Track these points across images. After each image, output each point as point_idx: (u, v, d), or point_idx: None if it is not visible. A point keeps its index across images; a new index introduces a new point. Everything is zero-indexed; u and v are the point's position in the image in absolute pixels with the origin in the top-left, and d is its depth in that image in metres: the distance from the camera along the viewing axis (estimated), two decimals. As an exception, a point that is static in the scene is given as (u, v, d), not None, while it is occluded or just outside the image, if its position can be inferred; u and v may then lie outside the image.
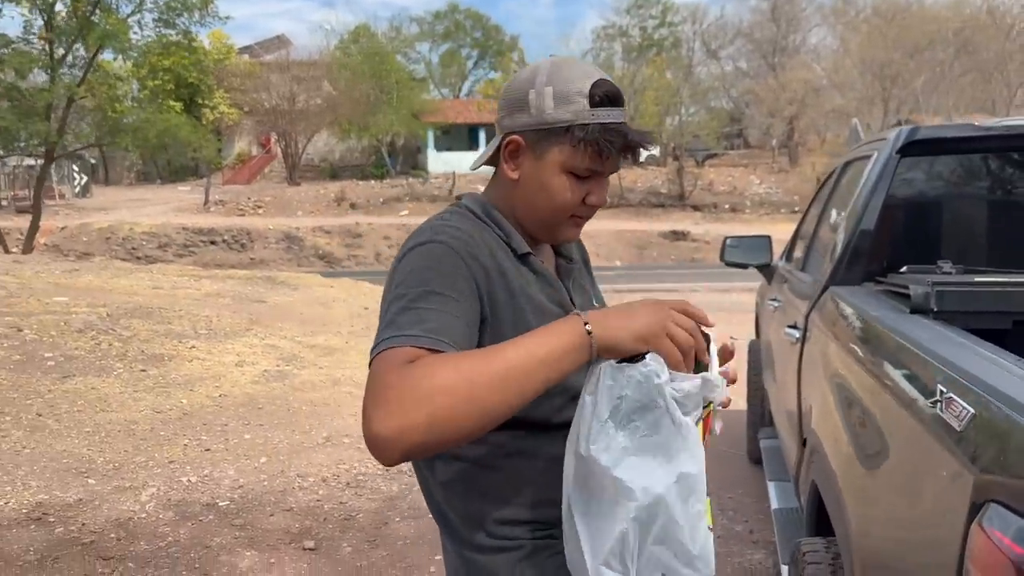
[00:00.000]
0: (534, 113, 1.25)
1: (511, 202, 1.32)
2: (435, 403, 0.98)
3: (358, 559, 3.51)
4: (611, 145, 1.23)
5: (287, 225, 25.65)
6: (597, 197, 1.28)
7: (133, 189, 38.26)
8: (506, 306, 1.23)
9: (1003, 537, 0.92)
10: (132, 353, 7.02)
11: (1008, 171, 2.62)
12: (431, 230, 1.25)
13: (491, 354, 1.05)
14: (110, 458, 4.73)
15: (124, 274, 12.56)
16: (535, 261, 1.32)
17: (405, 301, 1.14)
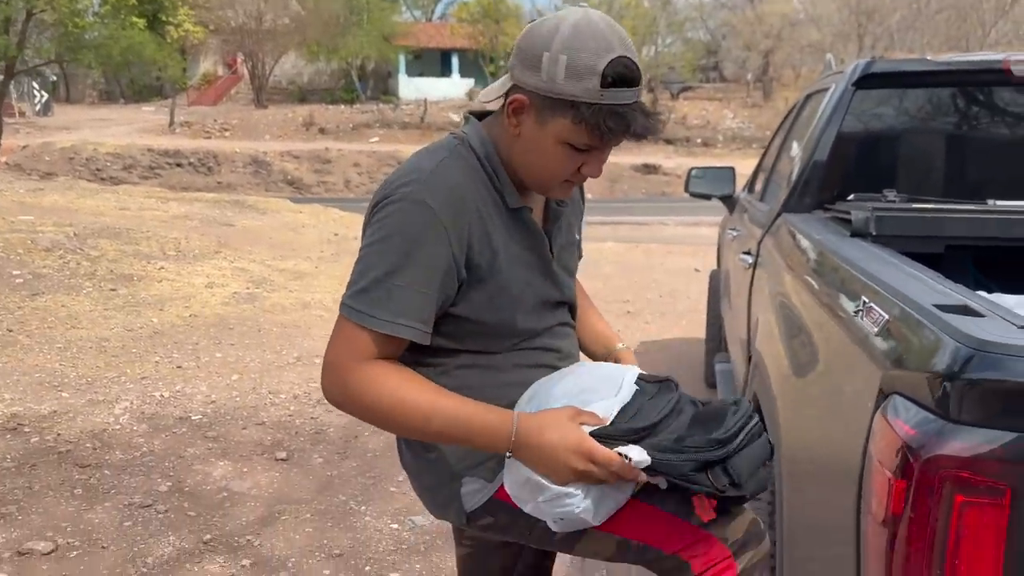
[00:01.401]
0: (544, 79, 1.23)
1: (509, 149, 1.34)
2: (369, 414, 1.29)
3: (329, 469, 3.66)
4: (613, 131, 1.23)
5: (254, 149, 25.24)
6: (591, 169, 1.31)
7: (96, 108, 37.26)
8: (486, 265, 1.31)
9: (899, 422, 1.06)
10: (101, 272, 7.02)
11: (959, 106, 2.73)
12: (426, 178, 1.27)
13: (427, 414, 1.26)
14: (82, 373, 4.80)
15: (90, 194, 12.40)
16: (525, 214, 1.36)
17: (381, 271, 1.25)
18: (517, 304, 1.36)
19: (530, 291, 1.38)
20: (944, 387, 1.01)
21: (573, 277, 1.52)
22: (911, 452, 1.01)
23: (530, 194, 1.39)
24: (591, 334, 1.65)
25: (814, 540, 1.44)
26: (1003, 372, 0.97)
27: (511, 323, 1.36)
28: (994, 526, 0.97)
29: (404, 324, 1.26)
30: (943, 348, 1.03)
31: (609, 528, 1.34)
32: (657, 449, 1.26)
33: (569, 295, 1.48)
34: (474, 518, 1.40)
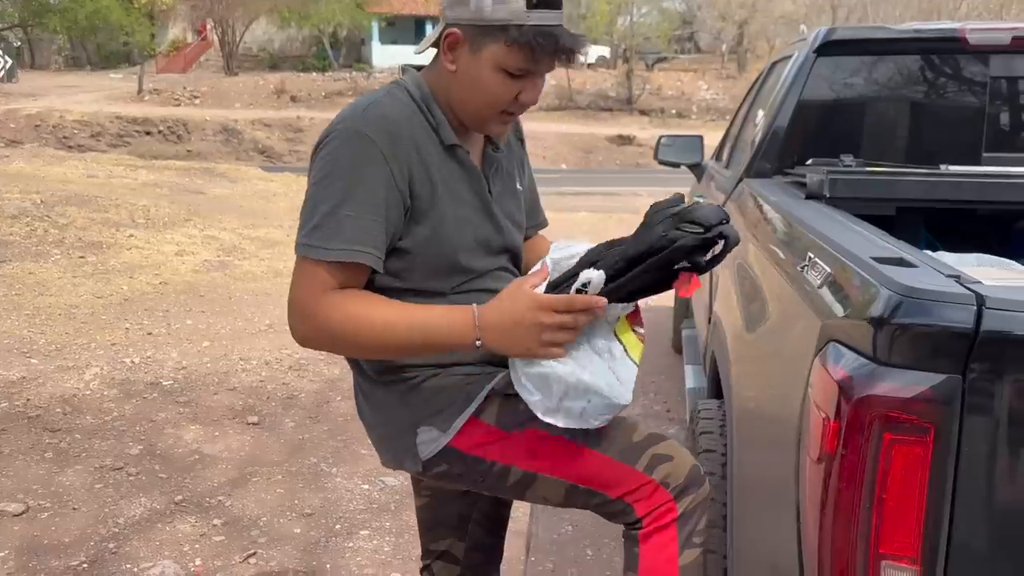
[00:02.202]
0: (473, 9, 1.30)
1: (447, 90, 1.38)
2: (340, 341, 1.34)
3: (300, 433, 3.70)
4: (543, 48, 1.29)
5: (225, 117, 24.88)
6: (529, 96, 1.36)
7: (62, 75, 36.45)
8: (427, 197, 1.35)
9: (834, 366, 1.12)
10: (69, 240, 6.96)
11: (917, 73, 2.79)
12: (360, 114, 1.33)
13: (391, 322, 1.31)
14: (51, 340, 4.79)
15: (57, 162, 12.21)
16: (461, 152, 1.40)
17: (329, 204, 1.30)
18: (457, 239, 1.39)
19: (469, 228, 1.41)
20: (875, 332, 1.07)
21: (519, 228, 1.55)
22: (844, 394, 1.07)
23: (467, 137, 1.43)
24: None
25: (761, 488, 1.51)
26: (929, 317, 1.02)
27: (452, 258, 1.39)
28: (919, 462, 1.03)
29: (359, 250, 1.30)
30: (875, 295, 1.09)
31: (559, 473, 1.40)
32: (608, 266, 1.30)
33: (512, 243, 1.51)
34: (429, 467, 1.44)
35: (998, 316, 0.98)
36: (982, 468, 1.01)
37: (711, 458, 1.96)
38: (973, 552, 1.04)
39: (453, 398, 1.42)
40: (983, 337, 0.98)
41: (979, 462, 1.01)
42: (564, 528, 2.94)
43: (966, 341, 0.99)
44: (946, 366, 1.01)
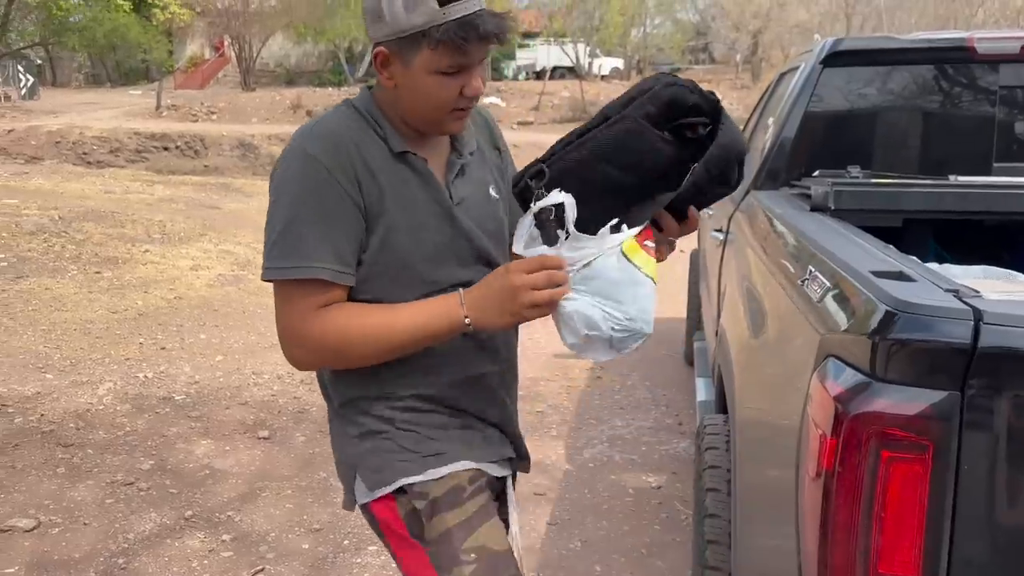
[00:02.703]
0: (389, 23, 1.27)
1: (394, 104, 1.37)
2: (338, 355, 1.34)
3: (310, 447, 3.71)
4: (468, 39, 1.26)
5: (242, 132, 25.05)
6: (472, 87, 1.32)
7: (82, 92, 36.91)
8: (376, 203, 1.34)
9: (831, 382, 1.10)
10: (86, 255, 7.02)
11: (925, 83, 2.77)
12: (306, 134, 1.34)
13: (382, 326, 1.32)
14: (66, 355, 4.82)
15: (75, 178, 12.35)
16: (413, 159, 1.37)
17: (281, 225, 1.30)
18: (411, 246, 1.36)
19: (426, 235, 1.37)
20: (872, 348, 1.05)
21: (496, 236, 1.49)
22: (841, 410, 1.06)
23: (425, 145, 1.40)
24: None
25: (763, 505, 1.49)
26: (926, 332, 1.01)
27: (411, 267, 1.36)
28: (918, 480, 1.02)
29: (319, 266, 1.30)
30: (872, 310, 1.08)
31: None
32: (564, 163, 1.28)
33: (484, 250, 1.45)
34: (362, 510, 1.47)
35: (996, 331, 0.97)
36: (982, 485, 0.99)
37: (716, 474, 1.94)
38: (974, 570, 1.02)
39: (387, 465, 1.41)
40: (981, 353, 0.97)
41: (979, 479, 0.99)
42: (573, 544, 2.92)
43: (964, 357, 0.97)
44: (944, 382, 0.99)
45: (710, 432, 2.04)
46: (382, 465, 1.42)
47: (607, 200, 1.28)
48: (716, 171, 1.27)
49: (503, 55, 39.34)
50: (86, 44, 20.84)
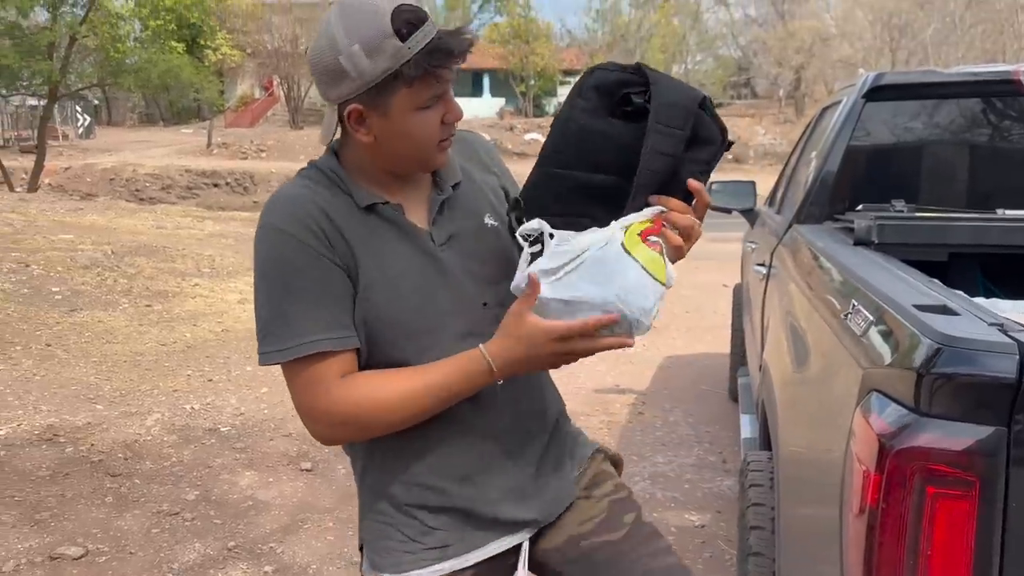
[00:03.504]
0: (355, 77, 1.21)
1: (369, 159, 1.31)
2: (369, 427, 1.28)
3: (351, 480, 3.69)
4: (441, 65, 1.21)
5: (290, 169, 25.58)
6: (452, 113, 1.28)
7: (136, 130, 38.13)
8: (351, 261, 1.28)
9: (875, 417, 1.09)
10: (137, 289, 7.20)
11: (970, 117, 2.74)
12: (268, 209, 1.29)
13: (408, 392, 1.26)
14: (117, 386, 4.94)
15: (128, 214, 12.70)
16: (383, 209, 1.31)
17: (269, 308, 1.26)
18: (395, 300, 1.29)
19: (407, 285, 1.30)
20: (916, 382, 1.04)
21: (497, 267, 1.37)
22: (885, 446, 1.05)
23: (402, 191, 1.35)
24: None
25: (807, 543, 1.47)
26: (971, 367, 1.00)
27: (400, 322, 1.30)
28: (965, 517, 1.00)
29: (316, 338, 1.25)
30: (916, 344, 1.07)
31: None
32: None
33: (482, 289, 1.36)
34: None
35: (1042, 365, 0.95)
36: (1031, 524, 0.97)
37: (760, 511, 1.92)
38: (1024, 612, 1.00)
39: (388, 551, 1.38)
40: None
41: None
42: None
43: (1009, 392, 0.96)
44: (990, 418, 0.98)
45: (754, 469, 2.01)
46: (384, 549, 1.38)
47: (592, 208, 1.24)
48: (669, 127, 1.22)
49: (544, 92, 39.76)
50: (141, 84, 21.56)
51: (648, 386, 5.23)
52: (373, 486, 1.39)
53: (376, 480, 1.38)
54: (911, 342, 1.10)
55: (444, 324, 1.32)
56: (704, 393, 5.04)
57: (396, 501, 1.37)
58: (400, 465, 1.36)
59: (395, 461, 1.36)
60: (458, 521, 1.37)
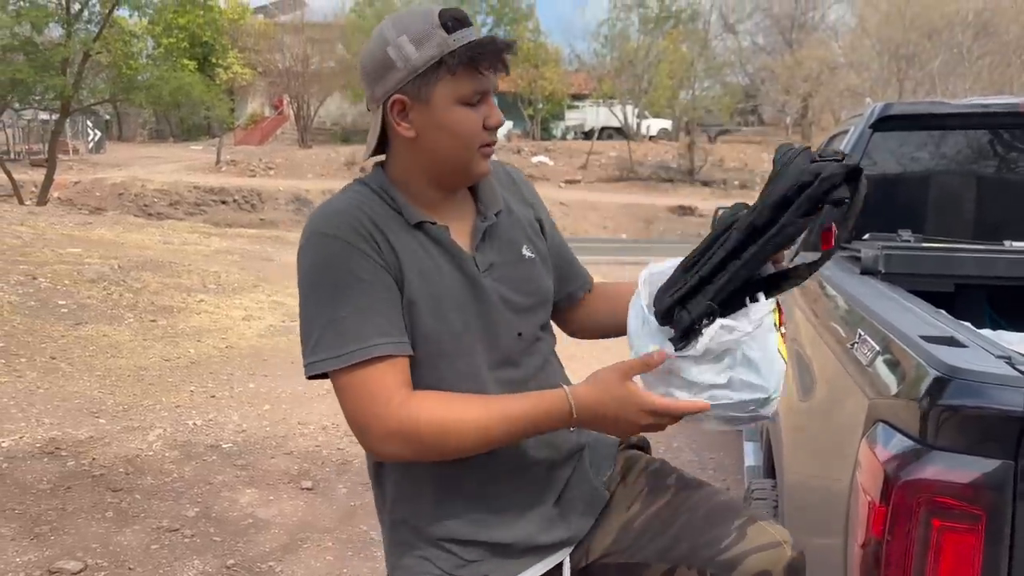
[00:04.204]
0: (402, 66, 1.25)
1: (413, 165, 1.32)
2: (429, 448, 1.23)
3: (352, 499, 3.71)
4: (483, 59, 1.24)
5: (297, 187, 25.76)
6: (494, 117, 1.30)
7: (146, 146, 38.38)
8: (397, 274, 1.27)
9: (880, 448, 1.09)
10: (142, 304, 7.22)
11: (977, 148, 2.75)
12: (319, 217, 1.29)
13: (488, 419, 1.22)
14: (120, 400, 4.93)
15: (136, 229, 12.75)
16: (432, 229, 1.31)
17: (324, 317, 1.23)
18: (436, 321, 1.29)
19: (449, 307, 1.30)
20: (922, 413, 1.04)
21: (534, 299, 1.40)
22: (890, 477, 1.04)
23: (447, 213, 1.35)
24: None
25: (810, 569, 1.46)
26: (978, 399, 1.00)
27: (438, 343, 1.29)
28: (971, 551, 0.99)
29: (377, 343, 1.22)
30: (922, 375, 1.06)
31: None
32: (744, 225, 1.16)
33: (519, 320, 1.37)
34: None
35: (1049, 399, 0.95)
36: (1038, 559, 0.96)
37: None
38: (1032, 649, 0.99)
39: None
40: (1034, 421, 0.95)
41: (1034, 553, 0.96)
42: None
43: (1016, 425, 0.96)
44: (996, 450, 0.97)
45: (757, 497, 2.00)
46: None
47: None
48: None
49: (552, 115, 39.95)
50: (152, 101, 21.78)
51: (651, 411, 5.20)
52: (406, 519, 1.36)
53: (410, 513, 1.35)
54: (918, 373, 1.10)
55: (480, 350, 1.32)
56: (708, 419, 5.02)
57: (428, 535, 1.34)
58: (435, 498, 1.33)
59: (429, 494, 1.33)
60: (494, 553, 1.34)
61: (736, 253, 1.16)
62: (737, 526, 1.30)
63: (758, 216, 1.15)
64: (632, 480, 1.46)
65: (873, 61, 30.65)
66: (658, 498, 1.41)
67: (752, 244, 1.15)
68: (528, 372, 1.38)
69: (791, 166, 1.16)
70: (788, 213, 1.14)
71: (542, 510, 1.38)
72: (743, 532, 1.29)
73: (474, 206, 1.40)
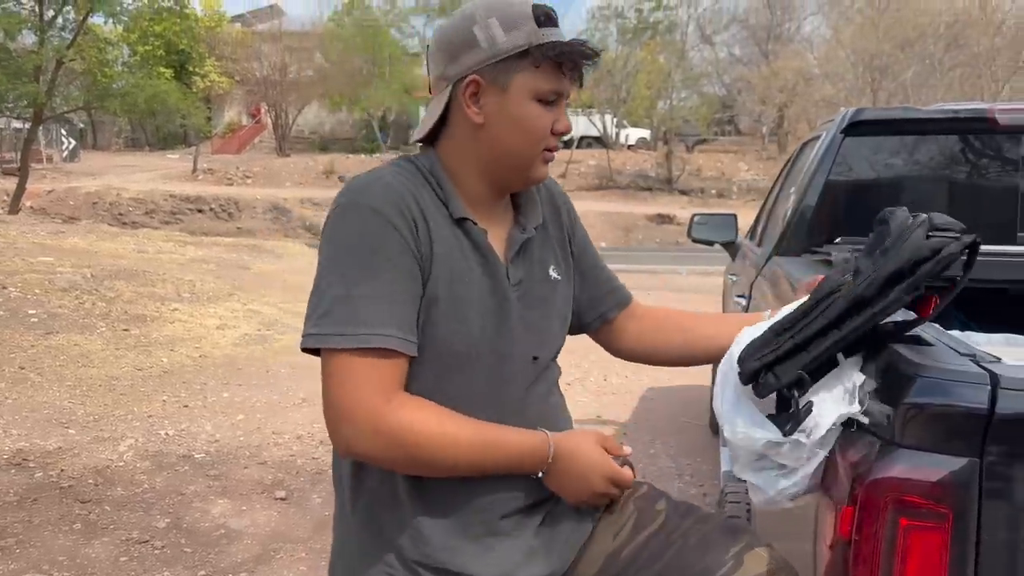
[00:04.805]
0: (486, 47, 1.20)
1: (472, 153, 1.26)
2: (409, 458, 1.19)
3: (327, 509, 3.67)
4: (570, 60, 1.21)
5: (275, 196, 25.63)
6: (563, 123, 1.26)
7: (122, 155, 38.04)
8: (428, 263, 1.21)
9: (847, 448, 1.08)
10: (115, 313, 7.13)
11: (947, 153, 2.77)
12: (363, 186, 1.22)
13: (461, 438, 1.19)
14: (90, 410, 4.86)
15: (110, 238, 12.62)
16: (473, 229, 1.25)
17: (340, 288, 1.16)
18: (455, 324, 1.23)
19: (472, 315, 1.24)
20: (887, 412, 1.04)
21: (553, 321, 1.36)
22: (857, 477, 1.04)
23: (488, 216, 1.30)
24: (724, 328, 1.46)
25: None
26: (943, 397, 0.99)
27: (451, 345, 1.23)
28: (938, 550, 0.99)
29: (386, 333, 1.15)
30: (887, 374, 1.06)
31: None
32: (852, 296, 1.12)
33: (534, 342, 1.32)
34: None
35: (1013, 396, 0.95)
36: (1003, 555, 0.96)
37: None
38: (999, 647, 0.98)
39: None
40: (998, 418, 0.95)
41: (999, 549, 0.96)
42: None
43: (981, 422, 0.95)
44: (962, 448, 0.97)
45: (731, 500, 2.00)
46: None
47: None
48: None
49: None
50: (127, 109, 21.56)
51: (629, 417, 5.20)
52: (382, 528, 1.28)
53: (387, 522, 1.28)
54: (882, 372, 1.09)
55: (491, 366, 1.27)
56: (685, 425, 5.02)
57: (400, 552, 1.27)
58: (414, 513, 1.26)
59: (407, 505, 1.26)
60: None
61: (837, 323, 1.12)
62: (733, 554, 1.25)
63: (867, 288, 1.11)
64: (618, 507, 1.39)
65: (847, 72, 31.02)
66: (647, 526, 1.35)
67: (856, 315, 1.11)
68: (531, 399, 1.33)
69: (909, 241, 1.12)
70: (899, 289, 1.10)
71: (522, 541, 1.31)
72: (739, 560, 1.24)
73: (513, 216, 1.35)
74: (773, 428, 1.13)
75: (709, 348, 1.48)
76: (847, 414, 1.10)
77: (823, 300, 1.14)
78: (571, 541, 1.36)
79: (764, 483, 1.16)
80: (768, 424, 1.13)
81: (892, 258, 1.11)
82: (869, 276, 1.11)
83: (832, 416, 1.10)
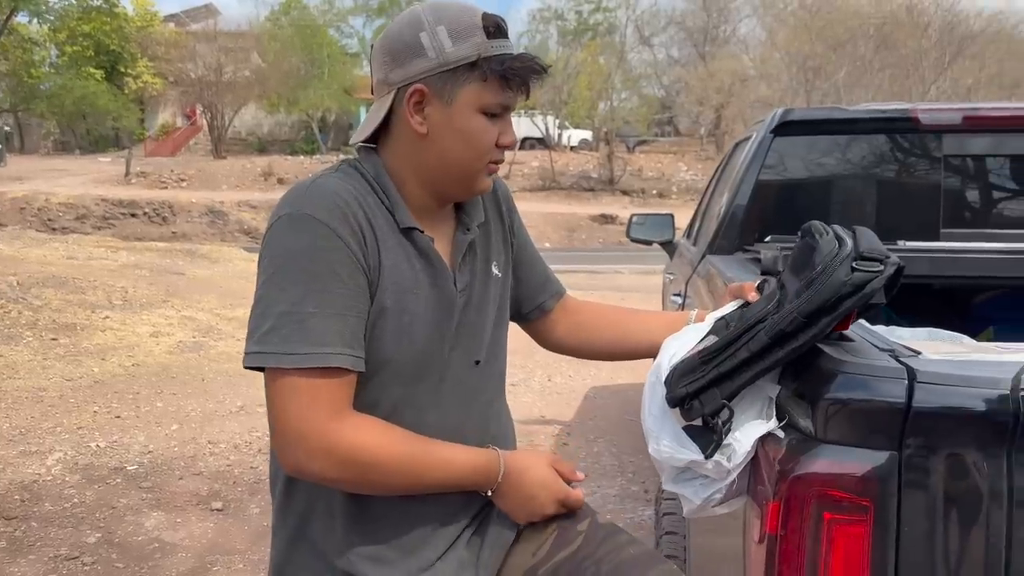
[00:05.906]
0: (433, 56, 1.16)
1: (415, 164, 1.23)
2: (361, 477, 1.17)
3: (265, 519, 3.59)
4: (517, 74, 1.18)
5: (211, 199, 25.08)
6: (509, 136, 1.23)
7: (51, 159, 36.77)
8: (376, 275, 1.19)
9: (772, 444, 1.09)
10: (43, 322, 6.89)
11: (874, 152, 2.84)
12: (304, 194, 1.17)
13: (411, 457, 1.19)
14: (16, 424, 4.68)
15: (37, 244, 12.20)
16: (420, 238, 1.23)
17: (285, 304, 1.12)
18: (400, 337, 1.21)
19: (418, 327, 1.22)
20: (810, 408, 1.05)
21: (494, 322, 1.35)
22: (782, 472, 1.05)
23: (431, 223, 1.27)
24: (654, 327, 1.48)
25: (716, 571, 1.47)
26: (862, 392, 1.01)
27: (395, 357, 1.21)
28: (860, 542, 1.00)
29: (330, 352, 1.11)
30: (810, 370, 1.08)
31: None
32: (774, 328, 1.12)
33: (481, 347, 1.32)
34: None
35: (930, 390, 0.97)
36: (922, 545, 0.98)
37: (674, 540, 1.91)
38: (919, 635, 1.00)
39: None
40: (916, 412, 0.97)
41: (919, 539, 0.98)
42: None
43: (899, 416, 0.97)
44: (882, 442, 0.99)
45: (668, 498, 2.01)
46: None
47: None
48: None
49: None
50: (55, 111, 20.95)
51: (573, 417, 5.23)
52: (315, 541, 1.26)
53: (319, 534, 1.26)
54: (805, 367, 1.11)
55: (436, 376, 1.26)
56: (629, 423, 5.06)
57: (332, 563, 1.25)
58: (346, 524, 1.24)
59: (340, 517, 1.24)
60: None
61: (760, 355, 1.13)
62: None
63: (790, 324, 1.11)
64: (543, 521, 1.36)
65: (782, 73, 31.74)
66: (564, 548, 1.33)
67: (779, 348, 1.12)
68: (475, 405, 1.32)
69: (832, 278, 1.11)
70: (822, 322, 1.10)
71: (453, 553, 1.30)
72: None
73: (454, 216, 1.32)
74: (696, 448, 1.15)
75: (640, 344, 1.50)
76: (765, 430, 1.12)
77: (747, 331, 1.15)
78: (495, 549, 1.35)
79: (691, 493, 1.18)
80: (691, 444, 1.15)
81: (816, 292, 1.11)
82: (792, 311, 1.11)
83: (751, 438, 1.12)
